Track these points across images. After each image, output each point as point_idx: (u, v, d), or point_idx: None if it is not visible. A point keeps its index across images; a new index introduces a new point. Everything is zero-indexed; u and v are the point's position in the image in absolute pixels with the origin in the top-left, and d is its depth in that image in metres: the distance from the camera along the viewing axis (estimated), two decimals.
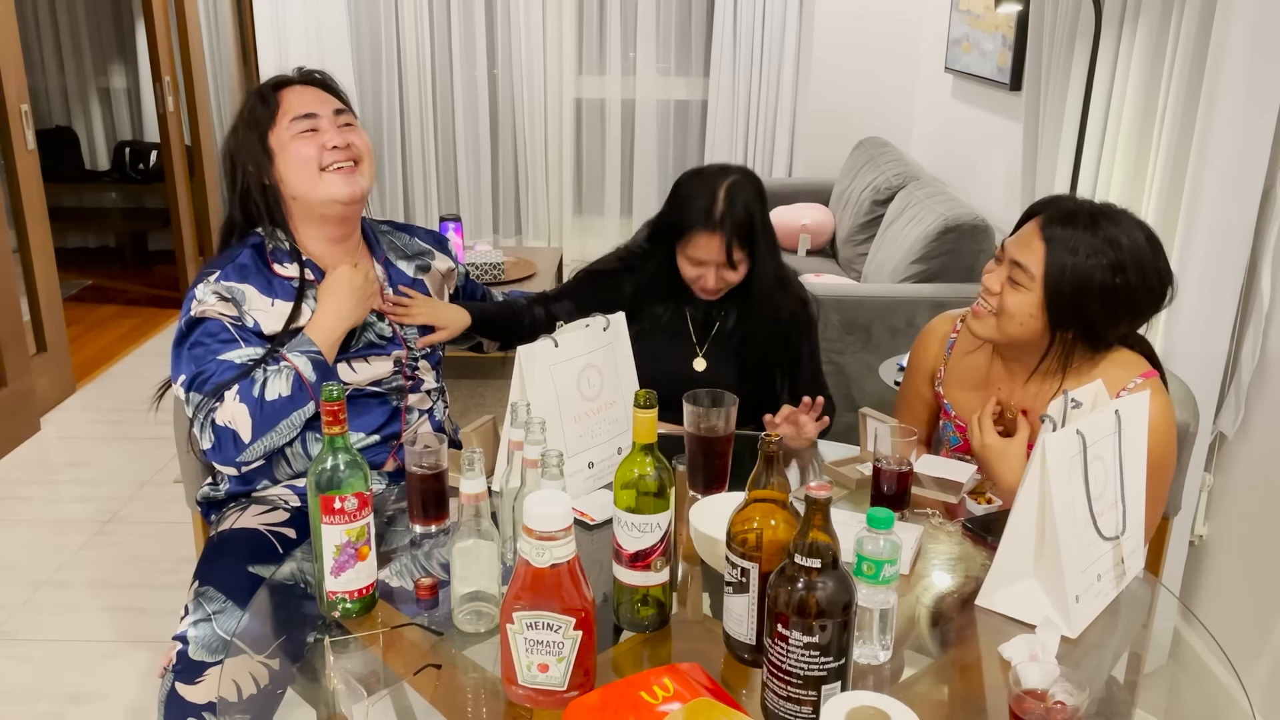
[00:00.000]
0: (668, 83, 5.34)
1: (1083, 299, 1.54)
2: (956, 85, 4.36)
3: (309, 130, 1.73)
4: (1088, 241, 1.54)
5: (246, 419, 1.60)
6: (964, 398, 1.79)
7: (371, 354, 1.79)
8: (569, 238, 5.56)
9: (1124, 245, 1.53)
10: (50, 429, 3.78)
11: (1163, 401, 1.59)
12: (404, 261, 1.92)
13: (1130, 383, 1.60)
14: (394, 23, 5.18)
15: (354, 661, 1.27)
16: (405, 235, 1.98)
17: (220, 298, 1.69)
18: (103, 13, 5.87)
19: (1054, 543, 1.28)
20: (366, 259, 1.86)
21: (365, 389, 1.79)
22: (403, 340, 1.83)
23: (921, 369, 1.88)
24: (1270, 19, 1.96)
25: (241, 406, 1.61)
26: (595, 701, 1.10)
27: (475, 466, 1.27)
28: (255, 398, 1.61)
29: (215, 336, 1.67)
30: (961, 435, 1.79)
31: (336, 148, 1.73)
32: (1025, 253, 1.58)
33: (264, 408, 1.61)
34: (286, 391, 1.62)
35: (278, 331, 1.71)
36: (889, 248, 3.65)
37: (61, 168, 5.74)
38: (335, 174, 1.73)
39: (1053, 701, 1.06)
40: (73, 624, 2.62)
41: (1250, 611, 2.16)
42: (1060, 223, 1.56)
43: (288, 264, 1.76)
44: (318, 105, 1.76)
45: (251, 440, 1.62)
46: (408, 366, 1.84)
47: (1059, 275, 1.54)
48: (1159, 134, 2.29)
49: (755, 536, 1.18)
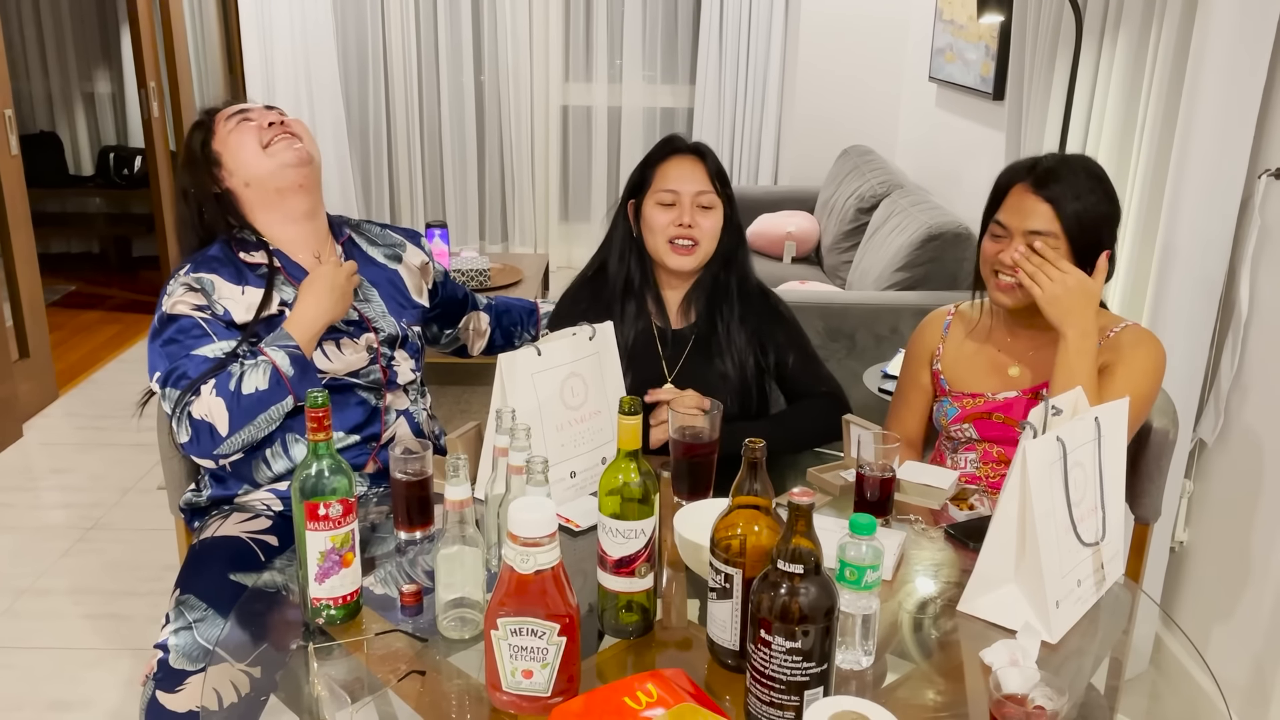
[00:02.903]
0: (654, 90, 5.36)
1: (1099, 233, 1.70)
2: (940, 94, 4.39)
3: (243, 119, 1.80)
4: (1077, 185, 1.68)
5: (223, 411, 1.61)
6: (963, 370, 1.86)
7: (343, 338, 1.79)
8: (555, 244, 5.57)
9: (1099, 175, 1.72)
10: (32, 435, 3.75)
11: (1153, 336, 1.75)
12: (373, 248, 1.94)
13: (1120, 324, 1.75)
14: (380, 28, 5.18)
15: (338, 668, 1.26)
16: (376, 228, 2.00)
17: (189, 289, 1.71)
18: (87, 17, 5.85)
19: (1034, 548, 1.29)
20: (332, 245, 1.88)
21: (343, 380, 1.79)
22: (369, 323, 1.83)
23: (921, 355, 1.93)
24: (1249, 29, 1.98)
25: (218, 400, 1.61)
26: (579, 707, 1.10)
27: (460, 473, 1.27)
28: (231, 391, 1.62)
29: (188, 333, 1.69)
30: (958, 405, 1.82)
31: (272, 124, 1.79)
32: (1035, 219, 1.69)
33: (240, 401, 1.62)
34: (264, 385, 1.63)
35: (249, 321, 1.72)
36: (873, 255, 3.67)
37: (45, 173, 5.71)
38: (278, 144, 1.78)
39: (1032, 706, 1.07)
40: (55, 632, 2.60)
41: (1230, 617, 2.18)
42: (1048, 180, 1.69)
43: (255, 252, 1.79)
44: (252, 105, 1.84)
45: (229, 433, 1.62)
46: (383, 356, 1.84)
47: (1077, 222, 1.68)
48: (1139, 143, 2.32)
49: (739, 542, 1.18)
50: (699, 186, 1.85)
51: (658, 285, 1.94)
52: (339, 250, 1.88)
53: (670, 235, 1.86)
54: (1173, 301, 2.16)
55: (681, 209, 1.85)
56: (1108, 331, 1.74)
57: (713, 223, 1.87)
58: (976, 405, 1.81)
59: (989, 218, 1.76)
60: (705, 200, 1.86)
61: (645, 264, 1.93)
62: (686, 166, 1.87)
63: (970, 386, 1.83)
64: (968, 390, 1.83)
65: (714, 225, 1.87)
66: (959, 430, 1.83)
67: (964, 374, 1.85)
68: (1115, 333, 1.74)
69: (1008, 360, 1.82)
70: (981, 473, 1.81)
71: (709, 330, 1.91)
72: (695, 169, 1.86)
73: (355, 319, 1.82)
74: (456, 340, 2.12)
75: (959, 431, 1.83)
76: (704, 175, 1.86)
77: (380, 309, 1.86)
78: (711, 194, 1.86)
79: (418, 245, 2.02)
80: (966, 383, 1.84)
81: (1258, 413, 2.10)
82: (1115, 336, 1.73)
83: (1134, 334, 1.73)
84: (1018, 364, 1.81)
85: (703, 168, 1.87)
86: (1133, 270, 2.31)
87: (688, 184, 1.85)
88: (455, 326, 2.11)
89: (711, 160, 1.89)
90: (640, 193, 1.90)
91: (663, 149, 1.91)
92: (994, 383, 1.81)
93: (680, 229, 1.85)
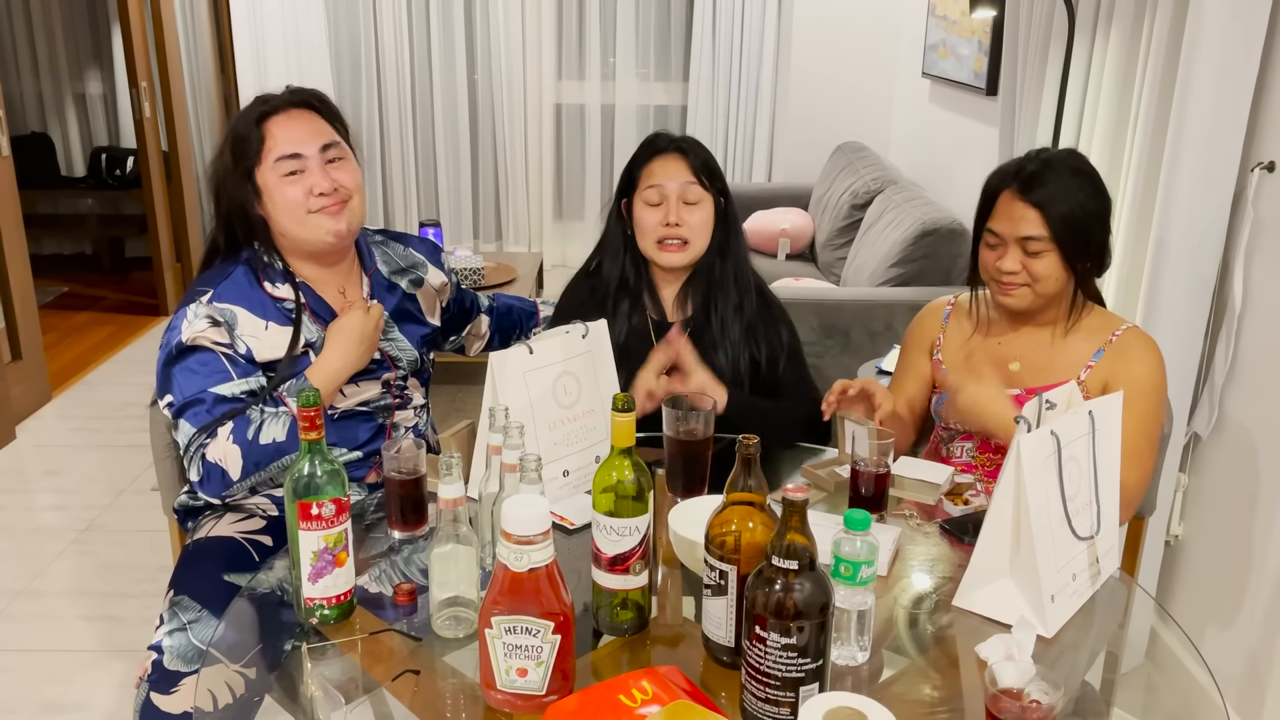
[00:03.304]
0: (647, 88, 5.36)
1: (1090, 231, 1.70)
2: (934, 90, 4.39)
3: (294, 172, 1.69)
4: (1064, 185, 1.68)
5: (238, 459, 1.60)
6: (964, 363, 1.85)
7: (362, 379, 1.78)
8: (549, 242, 5.56)
9: (1085, 171, 1.72)
10: (26, 437, 3.74)
11: (1153, 342, 1.75)
12: (396, 275, 1.89)
13: (1121, 326, 1.76)
14: (372, 28, 5.17)
15: (332, 668, 1.26)
16: (400, 245, 1.94)
17: (212, 322, 1.65)
18: (78, 17, 5.83)
19: (1029, 543, 1.29)
20: (358, 277, 1.84)
21: (354, 409, 1.78)
22: (391, 362, 1.82)
23: (920, 343, 1.94)
24: (1241, 21, 1.98)
25: (234, 448, 1.60)
26: (574, 705, 1.10)
27: (453, 471, 1.27)
28: (249, 440, 1.60)
29: (208, 366, 1.64)
30: None
31: (324, 194, 1.69)
32: (1025, 226, 1.69)
33: (256, 451, 1.60)
34: (281, 437, 1.61)
35: (277, 359, 1.68)
36: (867, 252, 3.67)
37: (37, 174, 5.69)
38: (322, 215, 1.70)
39: (1028, 700, 1.07)
40: (49, 634, 2.59)
41: (1225, 610, 2.18)
42: (1033, 184, 1.69)
43: (280, 285, 1.73)
44: (305, 141, 1.69)
45: (240, 479, 1.61)
46: (396, 387, 1.83)
47: (1065, 226, 1.68)
48: (1132, 137, 2.32)
49: (733, 539, 1.18)
50: (683, 183, 1.86)
51: (653, 282, 1.94)
52: (366, 285, 1.83)
53: (658, 235, 1.86)
54: (1166, 295, 2.16)
55: (668, 207, 1.85)
56: (1110, 334, 1.74)
57: (700, 218, 1.87)
58: None
59: (980, 224, 1.77)
60: (691, 196, 1.86)
61: (639, 261, 1.93)
62: (670, 164, 1.87)
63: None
64: None
65: (702, 220, 1.87)
66: (958, 423, 1.83)
67: (965, 367, 1.85)
68: (1118, 336, 1.74)
69: (1009, 355, 1.82)
70: (978, 461, 1.81)
71: (704, 323, 1.91)
72: (678, 166, 1.87)
73: (378, 358, 1.80)
74: (458, 343, 2.13)
75: (958, 424, 1.83)
76: (687, 171, 1.86)
77: (402, 345, 1.84)
78: (697, 189, 1.86)
79: (438, 264, 1.97)
80: (968, 375, 1.84)
81: (1252, 406, 2.11)
82: (1119, 340, 1.73)
83: (1136, 343, 1.73)
84: (1018, 360, 1.81)
85: (685, 164, 1.87)
86: (1126, 264, 2.32)
87: (671, 182, 1.86)
88: (460, 333, 2.10)
89: (695, 155, 1.88)
90: (629, 192, 1.91)
91: (646, 149, 1.92)
92: (995, 378, 1.81)
93: (668, 228, 1.85)
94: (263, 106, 1.71)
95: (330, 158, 1.71)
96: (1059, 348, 1.77)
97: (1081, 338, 1.77)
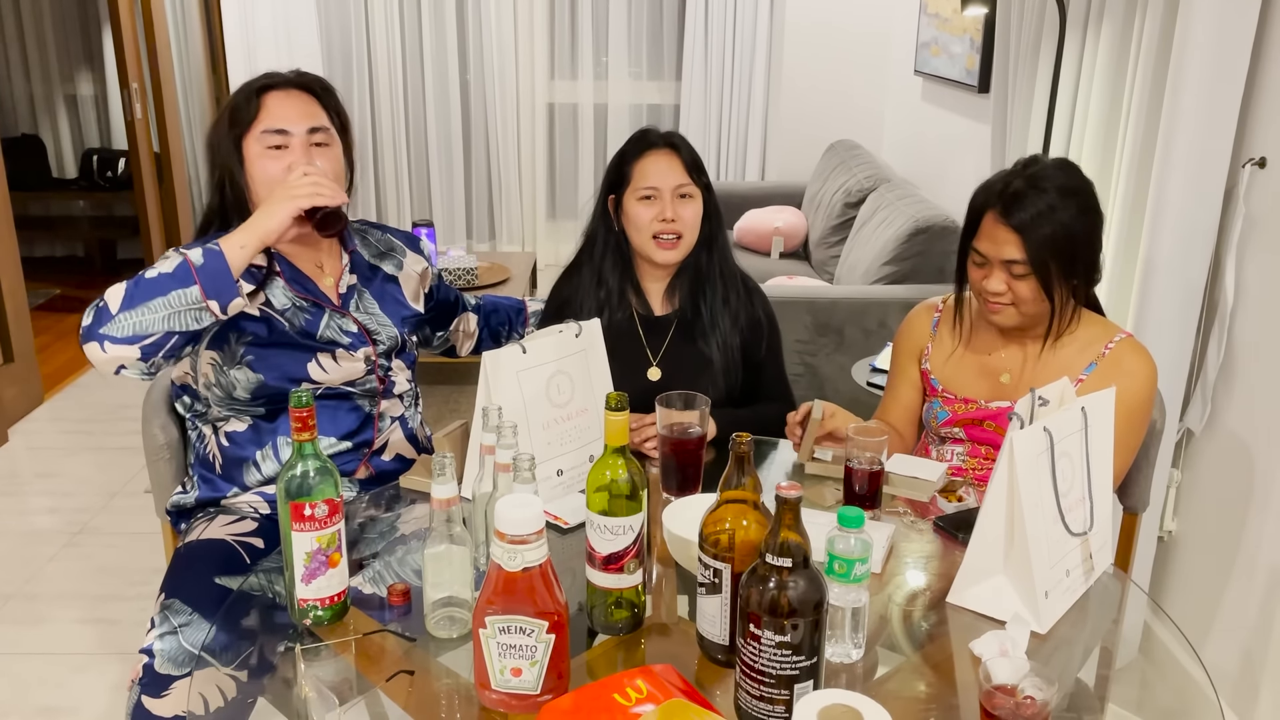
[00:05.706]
0: (640, 87, 5.35)
1: (1074, 251, 1.66)
2: (926, 88, 4.39)
3: (276, 147, 1.69)
4: (1045, 205, 1.63)
5: (120, 292, 1.54)
6: (953, 372, 1.85)
7: (338, 349, 1.77)
8: (542, 242, 5.55)
9: (1071, 187, 1.66)
10: (18, 440, 3.73)
11: (1146, 355, 1.72)
12: (376, 256, 1.89)
13: (1115, 338, 1.73)
14: (364, 28, 5.16)
15: (326, 669, 1.26)
16: (377, 232, 1.95)
17: (177, 252, 1.61)
18: (69, 19, 5.81)
19: (1023, 539, 1.29)
20: (338, 254, 1.83)
21: (338, 388, 1.77)
22: (368, 335, 1.81)
23: (909, 350, 1.93)
24: (1231, 18, 1.99)
25: (121, 285, 1.55)
26: (569, 705, 1.10)
27: (446, 471, 1.26)
28: (136, 276, 1.56)
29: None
30: (949, 409, 1.82)
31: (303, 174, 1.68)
32: (1007, 249, 1.66)
33: (140, 283, 1.54)
34: (168, 270, 1.55)
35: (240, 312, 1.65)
36: (861, 250, 3.67)
37: (28, 176, 5.67)
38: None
39: (1022, 696, 1.07)
40: (43, 636, 2.58)
41: (1218, 605, 2.18)
42: (1014, 208, 1.65)
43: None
44: (295, 119, 1.70)
45: (119, 310, 1.53)
46: (380, 368, 1.82)
47: (1046, 250, 1.64)
48: (1124, 133, 2.32)
49: (727, 537, 1.18)
50: (678, 179, 1.88)
51: (638, 276, 1.96)
52: (345, 260, 1.83)
53: (654, 231, 1.88)
54: (1158, 290, 2.16)
55: (663, 203, 1.87)
56: (1104, 346, 1.73)
57: (693, 213, 1.90)
58: (968, 411, 1.80)
59: (966, 241, 1.74)
60: (685, 191, 1.89)
61: (626, 256, 1.95)
62: (663, 160, 1.89)
63: (961, 391, 1.82)
64: (959, 394, 1.82)
65: (694, 215, 1.90)
66: (948, 432, 1.83)
67: (954, 376, 1.84)
68: (1110, 348, 1.72)
69: (999, 368, 1.81)
70: (968, 465, 1.81)
71: (693, 314, 1.94)
72: (672, 162, 1.89)
73: (354, 331, 1.79)
74: (447, 342, 2.12)
75: (948, 433, 1.83)
76: (680, 167, 1.89)
77: (381, 319, 1.83)
78: (690, 184, 1.89)
79: (418, 251, 1.98)
80: (957, 386, 1.83)
81: (1244, 401, 2.11)
82: (1111, 354, 1.72)
83: (1129, 356, 1.71)
84: (1008, 372, 1.80)
85: (678, 160, 1.89)
86: (1119, 262, 2.32)
87: (666, 178, 1.87)
88: (447, 329, 2.10)
89: (686, 151, 1.91)
90: (619, 188, 1.92)
91: (637, 145, 1.92)
92: (985, 389, 1.81)
93: (664, 224, 1.87)
94: (266, 80, 1.74)
95: (316, 141, 1.73)
96: (1049, 360, 1.75)
97: (1074, 350, 1.74)
